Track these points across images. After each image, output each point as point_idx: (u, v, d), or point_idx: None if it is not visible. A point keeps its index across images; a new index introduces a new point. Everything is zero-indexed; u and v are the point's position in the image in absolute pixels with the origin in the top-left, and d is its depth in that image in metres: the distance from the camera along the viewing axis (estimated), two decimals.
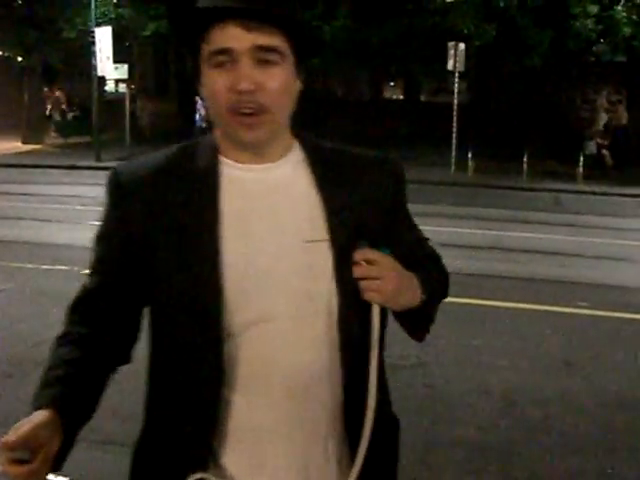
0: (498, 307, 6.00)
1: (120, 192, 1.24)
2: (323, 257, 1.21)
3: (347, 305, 1.22)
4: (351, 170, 1.29)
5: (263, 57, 1.15)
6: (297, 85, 1.24)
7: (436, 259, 1.43)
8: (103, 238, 1.27)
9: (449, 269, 1.44)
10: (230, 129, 1.20)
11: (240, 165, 1.24)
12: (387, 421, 1.33)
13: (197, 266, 1.18)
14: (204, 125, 18.80)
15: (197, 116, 19.53)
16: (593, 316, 5.95)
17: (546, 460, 3.62)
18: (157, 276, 1.21)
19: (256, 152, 1.23)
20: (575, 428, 3.97)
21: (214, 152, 1.25)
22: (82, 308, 1.29)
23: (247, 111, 1.16)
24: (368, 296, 1.19)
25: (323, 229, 1.22)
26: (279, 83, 1.17)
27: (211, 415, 1.20)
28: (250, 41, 1.14)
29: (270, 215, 1.21)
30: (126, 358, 1.32)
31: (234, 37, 1.14)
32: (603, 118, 18.55)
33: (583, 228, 10.11)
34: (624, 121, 18.65)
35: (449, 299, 1.45)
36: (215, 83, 1.17)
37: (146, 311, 1.31)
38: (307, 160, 1.27)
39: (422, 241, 1.42)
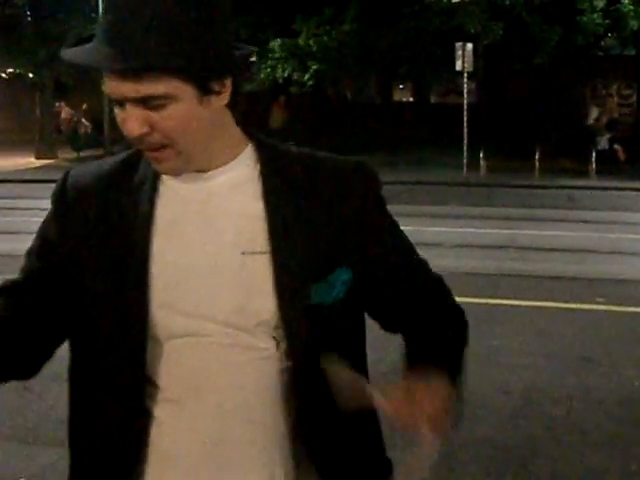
0: (515, 306, 5.95)
1: (63, 202, 1.19)
2: (261, 271, 1.11)
3: (291, 323, 1.11)
4: (311, 177, 1.17)
5: (149, 103, 1.03)
6: (210, 110, 1.08)
7: (442, 292, 1.28)
8: (39, 242, 1.21)
9: (465, 269, 1.42)
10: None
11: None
12: (376, 464, 1.25)
13: (124, 275, 1.12)
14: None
15: None
16: (611, 311, 5.93)
17: (568, 458, 3.61)
18: (84, 285, 1.15)
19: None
20: (597, 425, 3.95)
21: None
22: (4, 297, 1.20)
23: (148, 152, 1.09)
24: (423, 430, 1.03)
25: (264, 241, 1.12)
26: (174, 122, 1.05)
27: (135, 433, 1.13)
28: (128, 93, 1.03)
29: (206, 225, 1.13)
30: (27, 369, 1.20)
31: (112, 87, 1.04)
32: (594, 112, 18.43)
33: (597, 224, 10.06)
34: (615, 114, 18.60)
35: (465, 299, 1.44)
36: (118, 117, 1.08)
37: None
38: (256, 166, 1.16)
39: (420, 267, 1.27)
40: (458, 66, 15.95)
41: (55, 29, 19.91)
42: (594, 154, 15.24)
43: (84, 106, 19.76)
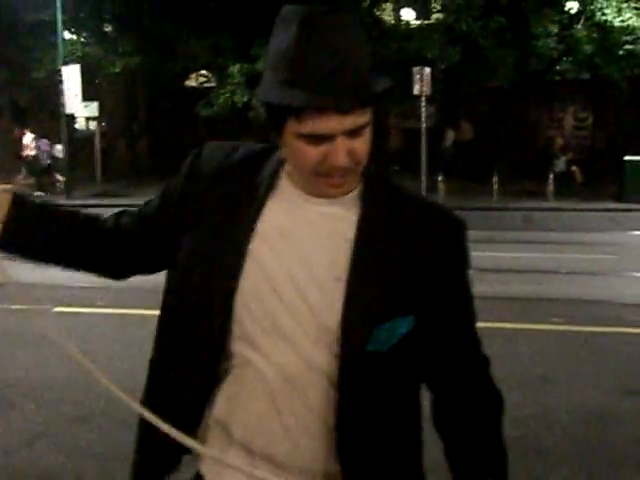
0: None
1: (192, 171, 1.31)
2: (335, 296, 1.20)
3: (350, 350, 1.19)
4: (402, 218, 1.24)
5: (357, 133, 1.15)
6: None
7: (485, 371, 1.34)
8: (163, 192, 1.36)
9: None
10: (313, 185, 1.21)
11: (299, 192, 1.24)
12: None
13: (220, 259, 1.22)
14: (49, 162, 18.74)
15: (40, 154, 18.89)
16: (568, 331, 5.98)
17: (527, 479, 3.58)
18: (184, 249, 1.27)
19: None
20: (554, 445, 3.95)
21: (278, 167, 1.27)
22: (113, 217, 1.39)
23: (338, 179, 1.18)
24: None
25: (345, 269, 1.20)
26: (367, 145, 1.18)
27: (210, 377, 1.24)
28: (346, 126, 1.13)
29: (302, 243, 1.21)
30: (114, 269, 1.43)
31: (329, 125, 1.12)
32: (450, 136, 18.86)
33: (555, 245, 10.21)
34: (468, 136, 19.10)
35: None
36: (306, 155, 1.15)
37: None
38: (362, 199, 1.24)
39: (472, 334, 1.33)
40: (416, 90, 16.14)
41: (14, 53, 19.71)
42: (552, 176, 15.50)
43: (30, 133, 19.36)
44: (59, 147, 18.96)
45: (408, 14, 19.71)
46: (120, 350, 5.55)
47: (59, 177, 18.86)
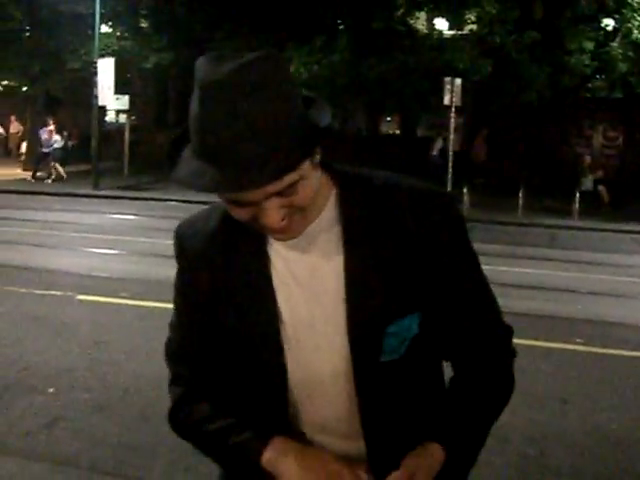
0: None
1: (184, 260, 1.30)
2: (338, 314, 1.21)
3: (365, 364, 1.22)
4: (389, 213, 1.20)
5: (287, 191, 1.08)
6: (316, 167, 1.14)
7: (501, 349, 1.32)
8: (178, 291, 1.33)
9: None
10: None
11: None
12: None
13: (256, 320, 1.23)
14: (45, 150, 19.19)
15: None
16: (589, 353, 5.91)
17: None
18: (220, 327, 1.27)
19: None
20: (571, 467, 3.90)
21: None
22: (183, 360, 1.34)
23: (279, 235, 1.16)
24: None
25: (342, 288, 1.20)
26: (307, 194, 1.11)
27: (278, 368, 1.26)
28: (269, 191, 1.06)
29: (305, 274, 1.21)
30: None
31: (248, 196, 1.06)
32: (438, 145, 18.76)
33: (579, 264, 10.11)
34: (482, 158, 18.96)
35: None
36: (239, 215, 1.12)
37: None
38: (340, 212, 1.21)
39: (488, 313, 1.30)
40: (446, 100, 16.10)
41: (51, 44, 19.98)
42: (578, 195, 15.37)
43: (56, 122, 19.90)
44: (57, 137, 19.43)
45: (441, 24, 19.69)
46: (141, 341, 5.59)
47: (58, 167, 19.27)
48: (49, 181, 19.13)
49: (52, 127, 19.48)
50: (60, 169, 19.39)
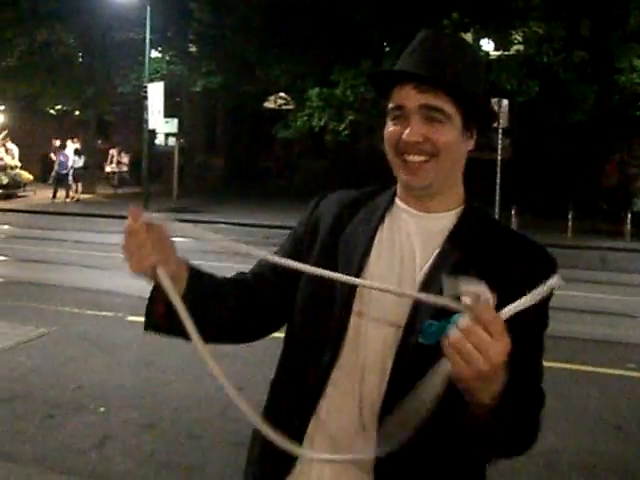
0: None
1: (312, 211, 1.50)
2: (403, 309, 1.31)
3: (401, 355, 1.29)
4: (493, 249, 1.33)
5: (430, 115, 1.31)
6: (464, 147, 1.38)
7: (537, 388, 1.36)
8: (291, 233, 1.53)
9: None
10: (399, 173, 1.37)
11: (405, 207, 1.41)
12: None
13: (345, 270, 1.34)
14: (64, 172, 20.04)
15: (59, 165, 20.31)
16: None
17: None
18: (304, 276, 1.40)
19: (422, 201, 1.38)
20: None
21: (392, 196, 1.44)
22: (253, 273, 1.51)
23: (413, 158, 1.32)
24: (456, 367, 1.08)
25: (423, 274, 1.32)
26: (444, 138, 1.31)
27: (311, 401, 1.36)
28: (419, 100, 1.31)
29: (400, 252, 1.36)
30: (250, 328, 1.50)
31: (407, 96, 1.32)
32: None
33: (630, 287, 9.88)
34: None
35: None
36: (389, 132, 1.35)
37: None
38: (457, 224, 1.36)
39: (535, 367, 1.36)
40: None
41: (103, 69, 20.57)
42: (629, 216, 15.05)
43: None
44: (76, 158, 20.40)
45: (487, 45, 19.62)
46: (190, 362, 5.66)
47: (79, 187, 20.21)
48: (68, 200, 19.89)
49: (74, 146, 20.34)
50: (76, 189, 20.20)
